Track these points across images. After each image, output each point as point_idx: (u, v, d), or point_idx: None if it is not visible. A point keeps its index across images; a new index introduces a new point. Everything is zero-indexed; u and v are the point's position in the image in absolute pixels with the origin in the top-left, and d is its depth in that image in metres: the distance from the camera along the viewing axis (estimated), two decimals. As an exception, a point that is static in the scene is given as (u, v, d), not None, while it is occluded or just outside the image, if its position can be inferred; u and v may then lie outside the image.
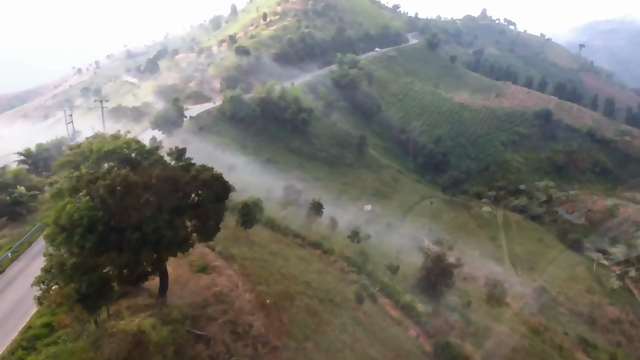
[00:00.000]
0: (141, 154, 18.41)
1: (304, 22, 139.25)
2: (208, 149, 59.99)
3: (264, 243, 34.46)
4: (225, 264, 27.28)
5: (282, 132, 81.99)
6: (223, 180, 19.13)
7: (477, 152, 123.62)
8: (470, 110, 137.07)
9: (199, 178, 18.58)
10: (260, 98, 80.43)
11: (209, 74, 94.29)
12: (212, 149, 61.13)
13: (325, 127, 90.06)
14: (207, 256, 25.91)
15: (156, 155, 18.68)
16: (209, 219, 18.61)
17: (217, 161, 57.59)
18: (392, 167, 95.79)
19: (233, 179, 51.16)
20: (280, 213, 44.62)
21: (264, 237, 36.04)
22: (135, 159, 18.07)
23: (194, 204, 18.45)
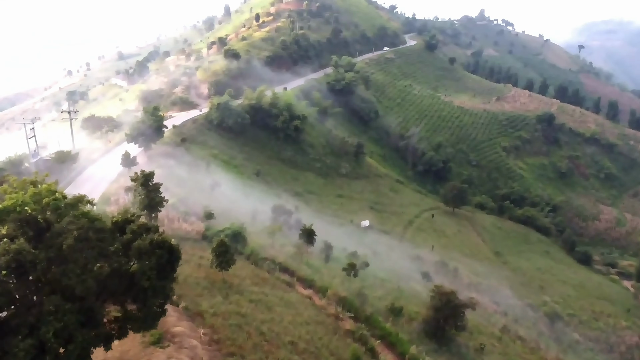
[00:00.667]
0: (57, 209, 13.10)
1: (298, 23, 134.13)
2: (189, 164, 54.65)
3: (243, 287, 29.06)
4: (190, 328, 21.85)
5: (273, 141, 76.77)
6: (170, 246, 13.86)
7: (478, 159, 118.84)
8: (470, 115, 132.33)
9: (134, 246, 13.32)
10: (249, 105, 75.23)
11: (196, 79, 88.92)
12: (194, 163, 55.77)
13: (319, 134, 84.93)
14: (167, 318, 20.35)
15: (79, 210, 13.40)
16: (147, 302, 13.35)
17: (199, 178, 52.43)
18: (391, 177, 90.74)
19: (215, 201, 46.00)
20: (267, 240, 39.37)
21: (244, 278, 30.67)
22: (45, 219, 12.73)
23: (126, 282, 13.19)
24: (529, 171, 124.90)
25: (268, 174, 70.27)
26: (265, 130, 77.36)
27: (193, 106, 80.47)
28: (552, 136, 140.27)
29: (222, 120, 72.18)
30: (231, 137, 73.15)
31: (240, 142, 73.59)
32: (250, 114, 75.39)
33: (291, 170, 74.91)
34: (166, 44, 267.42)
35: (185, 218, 37.67)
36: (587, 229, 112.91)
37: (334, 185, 77.58)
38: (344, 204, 72.48)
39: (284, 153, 76.01)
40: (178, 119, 73.77)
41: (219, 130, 72.80)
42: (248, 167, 68.48)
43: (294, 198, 68.02)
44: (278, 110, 75.59)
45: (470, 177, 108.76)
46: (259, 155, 73.71)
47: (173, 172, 50.65)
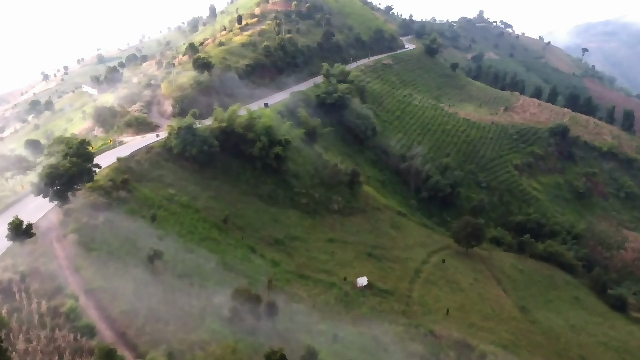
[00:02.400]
0: None
1: (285, 25, 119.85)
2: (126, 221, 40.36)
3: None
4: None
5: (249, 173, 62.48)
6: None
7: (488, 180, 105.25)
8: (478, 128, 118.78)
9: None
10: (219, 128, 60.97)
11: (160, 93, 74.58)
12: (133, 218, 41.49)
13: (306, 161, 70.75)
14: None
15: None
16: None
17: (132, 247, 38.10)
18: (392, 208, 76.67)
19: (144, 295, 30.90)
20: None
21: None
22: None
23: None
24: (544, 192, 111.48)
25: (241, 217, 55.98)
26: (239, 159, 63.09)
27: (152, 128, 66.05)
28: (567, 151, 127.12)
29: (183, 148, 57.86)
30: (195, 170, 58.77)
31: (207, 176, 59.21)
32: (220, 140, 61.12)
33: (271, 208, 60.63)
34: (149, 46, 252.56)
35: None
36: (612, 260, 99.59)
37: (323, 225, 63.38)
38: (336, 252, 58.28)
39: (262, 187, 61.74)
40: (129, 147, 59.38)
41: (179, 161, 58.45)
42: (214, 210, 54.15)
43: (272, 249, 53.97)
44: (254, 135, 61.39)
45: (481, 202, 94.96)
46: (231, 192, 59.39)
47: (95, 238, 36.32)
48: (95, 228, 37.49)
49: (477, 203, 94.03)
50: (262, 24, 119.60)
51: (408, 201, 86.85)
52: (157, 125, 66.40)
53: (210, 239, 47.36)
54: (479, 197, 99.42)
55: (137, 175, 52.05)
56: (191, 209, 51.12)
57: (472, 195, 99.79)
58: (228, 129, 61.35)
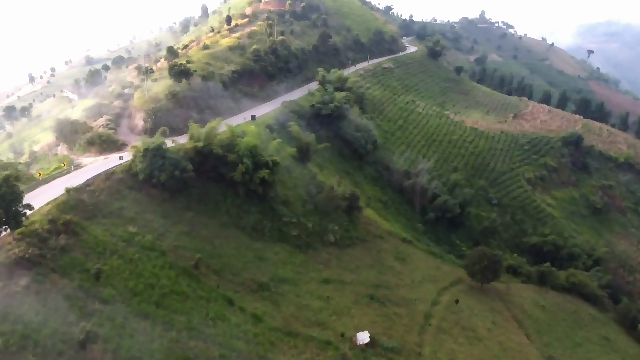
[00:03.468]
0: None
1: (278, 27, 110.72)
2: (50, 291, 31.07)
3: None
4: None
5: (230, 201, 53.29)
6: None
7: (499, 196, 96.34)
8: (486, 138, 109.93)
9: None
10: (195, 149, 51.81)
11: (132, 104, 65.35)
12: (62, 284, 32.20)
13: (298, 184, 61.60)
14: None
15: None
16: None
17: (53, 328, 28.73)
18: (396, 235, 67.55)
19: None
20: None
21: None
22: None
23: None
24: (559, 208, 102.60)
25: (218, 257, 46.78)
26: (219, 184, 53.89)
27: (119, 147, 56.77)
28: (581, 162, 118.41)
29: (151, 174, 48.67)
30: (165, 199, 49.53)
31: (180, 206, 49.98)
32: (196, 163, 51.99)
33: (255, 243, 51.42)
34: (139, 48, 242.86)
35: None
36: (636, 285, 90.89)
37: (317, 261, 54.20)
38: (331, 296, 49.11)
39: (246, 218, 52.57)
40: (86, 172, 50.17)
41: (146, 189, 49.19)
42: (186, 250, 44.90)
43: (255, 297, 44.85)
44: (236, 157, 52.22)
45: (493, 223, 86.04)
46: (208, 225, 50.16)
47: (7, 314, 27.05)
48: (12, 299, 28.29)
49: (489, 224, 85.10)
50: (253, 25, 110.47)
51: (413, 224, 77.83)
52: (124, 143, 57.10)
53: (175, 293, 38.09)
54: (490, 217, 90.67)
55: (90, 210, 42.77)
56: (155, 252, 41.81)
57: (482, 213, 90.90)
58: (205, 149, 52.15)
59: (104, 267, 34.66)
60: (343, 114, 78.61)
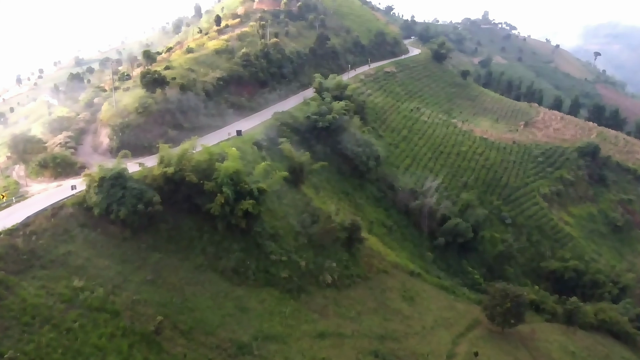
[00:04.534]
0: None
1: (272, 28, 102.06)
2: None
3: None
4: None
5: (206, 239, 44.56)
6: None
7: (513, 215, 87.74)
8: (497, 149, 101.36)
9: None
10: (164, 176, 43.04)
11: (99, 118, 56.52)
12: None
13: (289, 212, 52.87)
14: None
15: None
16: None
17: None
18: (402, 268, 58.82)
19: None
20: None
21: None
22: None
23: None
24: (577, 227, 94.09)
25: (189, 312, 38.04)
26: (193, 217, 45.15)
27: (77, 171, 47.90)
28: (597, 174, 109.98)
29: (108, 208, 39.96)
30: (126, 239, 40.78)
31: (144, 247, 41.23)
32: (166, 192, 43.32)
33: (237, 290, 42.69)
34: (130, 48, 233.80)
35: None
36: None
37: (311, 309, 45.46)
38: (328, 357, 40.47)
39: (225, 258, 43.85)
40: (31, 204, 41.37)
41: (102, 226, 40.46)
42: (147, 306, 36.21)
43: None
44: (214, 185, 43.47)
45: (509, 248, 77.34)
46: (179, 269, 41.40)
47: None
48: None
49: (504, 248, 76.44)
50: (245, 26, 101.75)
51: (421, 250, 69.16)
52: (83, 166, 48.22)
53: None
54: (503, 238, 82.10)
55: (24, 261, 34.02)
56: (105, 314, 33.13)
57: (496, 235, 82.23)
58: (177, 176, 43.39)
59: (26, 349, 25.84)
60: (342, 126, 69.95)
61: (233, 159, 44.79)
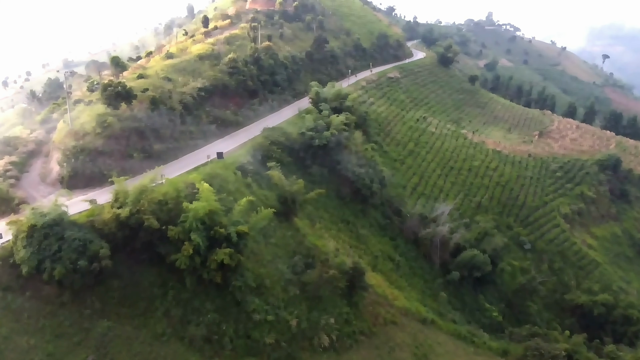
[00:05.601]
0: None
1: (265, 29, 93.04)
2: None
3: None
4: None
5: (171, 298, 35.48)
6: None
7: (533, 239, 78.75)
8: (512, 164, 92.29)
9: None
10: (116, 219, 33.95)
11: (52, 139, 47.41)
12: None
13: (278, 254, 43.73)
14: None
15: None
16: None
17: None
18: (413, 315, 49.68)
19: None
20: None
21: None
22: None
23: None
24: (602, 250, 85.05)
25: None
26: (155, 269, 36.03)
27: (14, 208, 38.65)
28: (619, 189, 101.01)
29: (40, 265, 30.88)
30: (64, 304, 31.73)
31: (89, 314, 32.13)
32: (120, 239, 34.25)
33: (207, 366, 33.61)
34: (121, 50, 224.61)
35: None
36: None
37: (303, 386, 36.40)
38: None
39: (195, 323, 34.80)
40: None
41: (33, 289, 31.38)
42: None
43: None
44: (181, 231, 34.37)
45: (531, 280, 68.25)
46: (132, 340, 32.32)
47: None
48: None
49: (526, 281, 67.36)
50: (236, 28, 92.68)
51: (433, 287, 60.02)
52: (23, 202, 38.99)
53: None
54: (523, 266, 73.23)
55: None
56: None
57: (514, 262, 73.28)
58: (133, 219, 34.28)
59: None
60: (342, 143, 60.90)
61: (206, 196, 35.64)
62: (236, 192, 45.61)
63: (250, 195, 47.28)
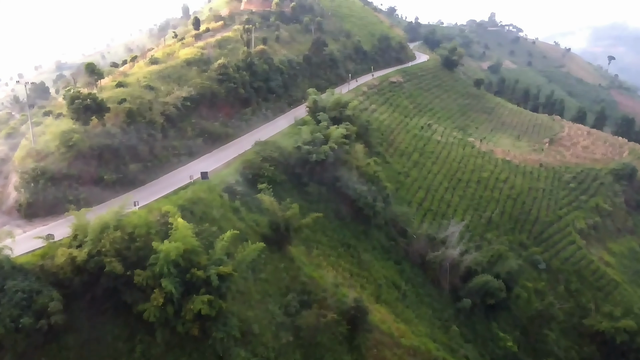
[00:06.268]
0: None
1: (260, 32, 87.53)
2: None
3: None
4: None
5: (139, 354, 29.81)
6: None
7: (547, 257, 73.36)
8: (523, 175, 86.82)
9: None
10: (72, 262, 28.32)
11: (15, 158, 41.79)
12: None
13: (269, 292, 38.12)
14: None
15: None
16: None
17: None
18: (422, 354, 44.04)
19: None
20: None
21: None
22: None
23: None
24: (620, 268, 79.52)
25: None
26: (121, 319, 30.38)
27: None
28: (635, 200, 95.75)
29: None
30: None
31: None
32: (77, 285, 28.63)
33: None
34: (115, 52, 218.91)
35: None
36: None
37: None
38: None
39: (166, 386, 29.03)
40: None
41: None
42: None
43: None
44: (149, 276, 28.78)
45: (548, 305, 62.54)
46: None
47: None
48: None
49: (543, 308, 61.68)
50: (229, 30, 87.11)
51: (443, 317, 54.37)
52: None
53: None
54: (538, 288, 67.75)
55: None
56: None
57: (528, 284, 67.72)
58: (92, 263, 28.68)
59: None
60: (341, 158, 55.30)
61: (181, 234, 30.02)
62: (222, 219, 40.02)
63: (239, 221, 41.87)
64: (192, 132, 52.24)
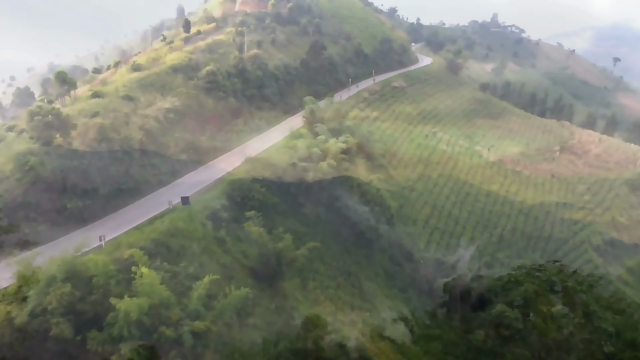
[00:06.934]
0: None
1: (255, 34, 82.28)
2: None
3: None
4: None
5: None
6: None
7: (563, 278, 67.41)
8: (535, 187, 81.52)
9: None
10: (8, 324, 22.94)
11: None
12: None
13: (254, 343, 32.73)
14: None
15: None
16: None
17: None
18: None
19: None
20: None
21: None
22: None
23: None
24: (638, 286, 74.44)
25: None
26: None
27: None
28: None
29: None
30: None
31: None
32: (17, 352, 23.25)
33: None
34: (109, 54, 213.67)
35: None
36: None
37: None
38: None
39: None
40: None
41: None
42: None
43: None
44: (106, 339, 23.39)
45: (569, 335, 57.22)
46: None
47: None
48: None
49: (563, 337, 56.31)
50: (221, 32, 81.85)
51: (454, 354, 49.07)
52: None
53: None
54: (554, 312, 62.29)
55: None
56: None
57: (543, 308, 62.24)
58: (34, 325, 23.46)
59: None
60: (341, 175, 49.99)
61: (148, 288, 24.73)
62: (203, 253, 34.79)
63: (224, 254, 36.63)
64: (175, 148, 46.96)
